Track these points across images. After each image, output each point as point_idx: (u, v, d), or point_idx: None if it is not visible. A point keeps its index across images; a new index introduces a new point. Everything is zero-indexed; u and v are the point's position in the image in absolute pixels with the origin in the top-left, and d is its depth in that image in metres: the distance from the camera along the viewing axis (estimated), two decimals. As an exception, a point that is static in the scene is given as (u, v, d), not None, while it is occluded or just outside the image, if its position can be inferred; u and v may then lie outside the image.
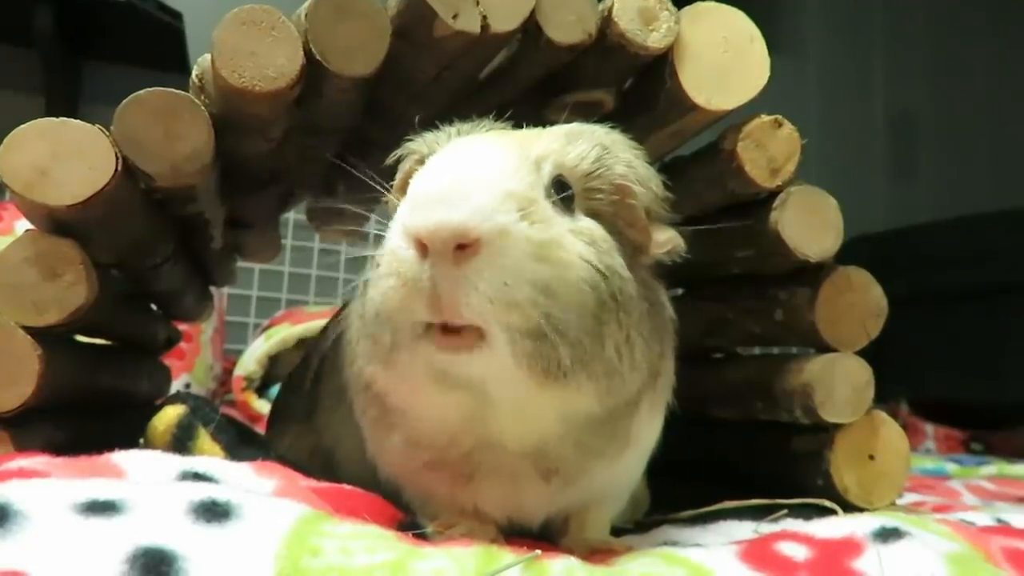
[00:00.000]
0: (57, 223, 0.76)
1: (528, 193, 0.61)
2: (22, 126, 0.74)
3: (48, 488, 0.54)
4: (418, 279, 0.57)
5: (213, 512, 0.54)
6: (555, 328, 0.58)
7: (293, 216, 2.56)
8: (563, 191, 0.65)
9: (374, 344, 0.63)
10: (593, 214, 0.67)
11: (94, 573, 0.46)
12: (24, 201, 0.74)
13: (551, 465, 0.67)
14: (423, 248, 0.56)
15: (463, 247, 0.56)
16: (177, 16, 2.39)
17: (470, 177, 0.59)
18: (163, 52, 2.38)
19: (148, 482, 0.61)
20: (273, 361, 2.26)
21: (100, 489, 0.54)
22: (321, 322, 1.85)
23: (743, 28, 0.87)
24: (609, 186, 0.67)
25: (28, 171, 0.73)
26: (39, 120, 0.74)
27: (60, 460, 0.65)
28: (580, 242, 0.62)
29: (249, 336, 2.65)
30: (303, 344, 2.20)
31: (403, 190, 0.69)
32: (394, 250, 0.59)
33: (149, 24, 2.36)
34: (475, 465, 0.67)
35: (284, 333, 2.29)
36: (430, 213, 0.56)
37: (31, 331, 0.74)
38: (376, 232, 0.67)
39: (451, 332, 0.58)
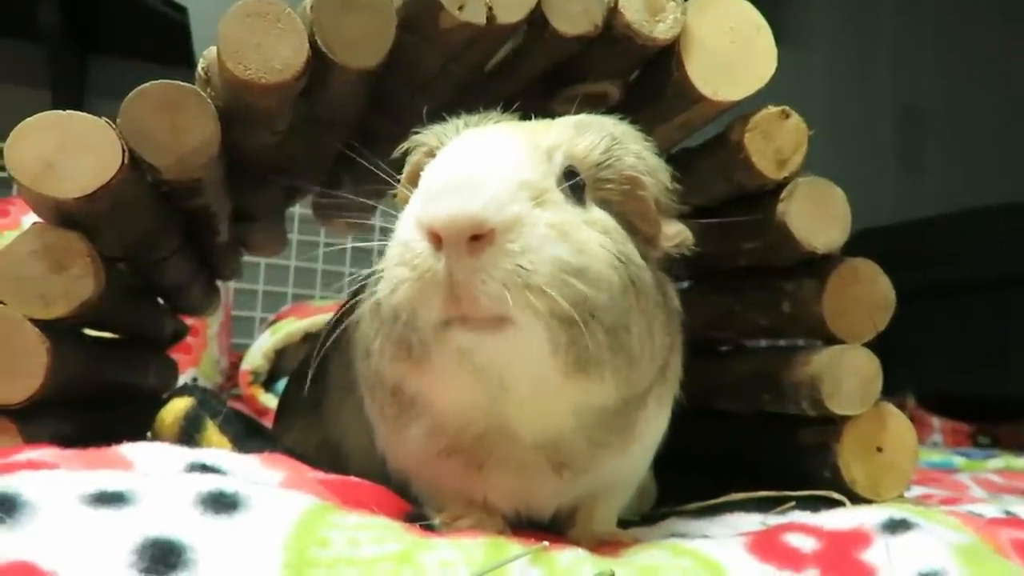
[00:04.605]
0: (64, 216, 0.76)
1: (541, 183, 0.61)
2: (29, 119, 0.74)
3: (57, 479, 0.54)
4: (433, 271, 0.56)
5: (221, 503, 0.54)
6: (589, 312, 0.58)
7: (299, 210, 2.56)
8: (574, 183, 0.65)
9: (399, 345, 0.61)
10: (603, 205, 0.67)
11: (103, 563, 0.47)
12: (31, 194, 0.74)
13: (562, 458, 0.67)
14: (437, 240, 0.56)
15: (477, 237, 0.55)
16: (182, 10, 2.39)
17: (483, 167, 0.58)
18: (168, 46, 2.38)
19: (156, 474, 0.62)
20: (279, 355, 2.26)
21: (108, 480, 0.54)
22: (327, 316, 1.85)
23: (750, 18, 0.87)
24: (619, 177, 0.67)
25: (35, 164, 0.73)
26: (46, 113, 0.74)
27: (68, 452, 0.65)
28: (595, 231, 0.62)
29: (255, 330, 2.65)
30: (309, 338, 2.20)
31: (412, 181, 0.69)
32: (407, 242, 0.58)
33: (154, 18, 2.36)
34: (487, 453, 0.66)
35: (290, 327, 2.29)
36: (445, 204, 0.56)
37: (39, 324, 0.74)
38: (382, 224, 0.67)
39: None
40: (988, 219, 2.85)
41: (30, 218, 0.79)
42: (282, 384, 2.17)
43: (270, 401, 2.14)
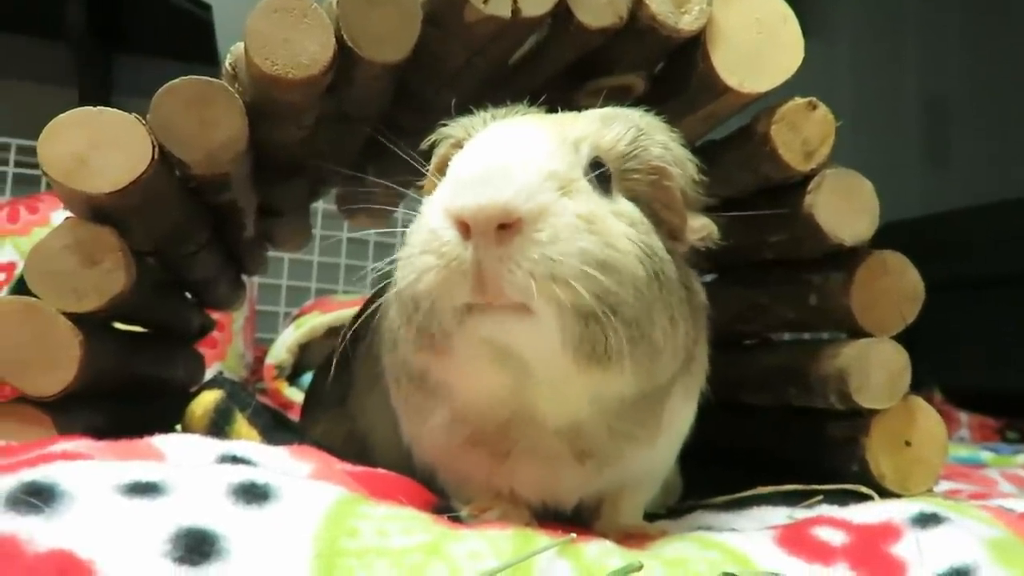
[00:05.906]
0: (96, 211, 0.77)
1: (569, 173, 0.61)
2: (61, 116, 0.75)
3: (92, 470, 0.55)
4: (460, 260, 0.57)
5: (253, 494, 0.54)
6: (609, 306, 0.58)
7: (322, 205, 2.58)
8: (601, 174, 0.65)
9: (421, 333, 0.61)
10: (630, 196, 0.67)
11: (139, 552, 0.47)
12: (63, 189, 0.75)
13: (585, 447, 0.67)
14: (465, 228, 0.56)
15: (505, 226, 0.56)
16: (206, 7, 2.41)
17: (512, 158, 0.59)
18: (193, 44, 2.41)
19: (188, 465, 0.62)
20: (303, 349, 2.28)
21: (142, 471, 0.55)
22: (350, 310, 1.86)
23: (776, 9, 0.86)
24: (646, 168, 0.67)
25: (67, 160, 0.74)
26: (77, 110, 0.75)
27: (102, 443, 0.66)
28: (621, 222, 0.62)
29: (280, 325, 2.67)
30: (333, 332, 2.22)
31: (440, 172, 0.69)
32: (434, 230, 0.59)
33: (179, 16, 2.38)
34: (512, 442, 0.67)
35: (314, 322, 2.31)
36: (473, 194, 0.56)
37: (71, 317, 0.75)
38: (406, 213, 0.68)
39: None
40: (1015, 212, 2.81)
41: (59, 214, 0.80)
42: (306, 378, 2.19)
43: (295, 395, 2.16)
